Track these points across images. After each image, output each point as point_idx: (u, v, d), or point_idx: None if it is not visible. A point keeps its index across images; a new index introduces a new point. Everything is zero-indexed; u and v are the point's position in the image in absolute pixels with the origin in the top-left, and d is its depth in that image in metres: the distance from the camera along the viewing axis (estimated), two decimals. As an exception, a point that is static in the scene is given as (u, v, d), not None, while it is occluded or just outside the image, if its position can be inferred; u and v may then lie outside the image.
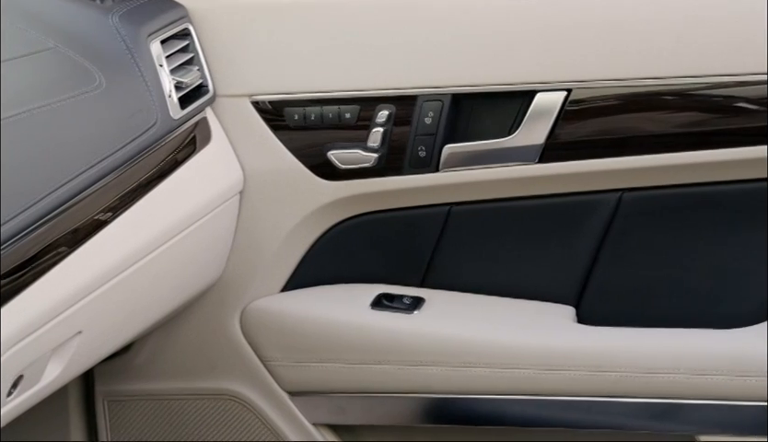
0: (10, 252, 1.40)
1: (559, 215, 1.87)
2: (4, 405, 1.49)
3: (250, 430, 2.01)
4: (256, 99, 1.90)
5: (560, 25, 1.79)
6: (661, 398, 1.80)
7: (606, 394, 1.81)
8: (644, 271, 1.87)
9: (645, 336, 1.82)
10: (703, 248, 1.85)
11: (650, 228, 1.86)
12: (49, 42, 1.65)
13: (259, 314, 1.95)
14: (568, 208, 1.86)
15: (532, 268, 1.90)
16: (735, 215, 1.83)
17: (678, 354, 1.79)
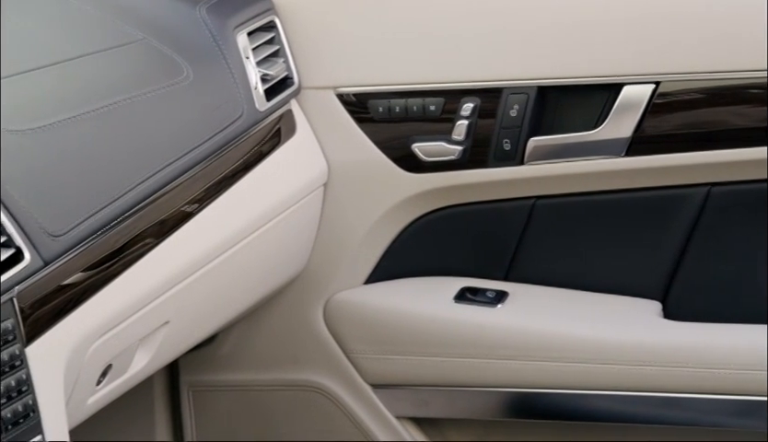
0: (99, 243, 1.42)
1: (645, 210, 1.85)
2: (93, 394, 1.50)
3: (333, 422, 2.02)
4: (341, 92, 1.90)
5: (648, 16, 1.77)
6: (751, 395, 1.77)
7: (693, 390, 1.79)
8: (732, 266, 1.84)
9: (733, 332, 1.80)
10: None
11: (738, 223, 1.83)
12: (138, 34, 1.67)
13: (342, 306, 1.95)
14: (655, 202, 1.84)
15: (618, 262, 1.89)
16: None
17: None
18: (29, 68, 1.48)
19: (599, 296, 1.89)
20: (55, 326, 1.33)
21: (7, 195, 1.26)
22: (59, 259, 1.33)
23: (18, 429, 1.22)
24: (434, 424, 1.99)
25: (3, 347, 1.21)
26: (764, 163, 1.77)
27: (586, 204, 1.87)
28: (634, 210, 1.86)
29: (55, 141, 1.40)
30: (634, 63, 1.76)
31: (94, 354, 1.43)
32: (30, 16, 1.59)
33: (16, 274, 1.25)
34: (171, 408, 2.11)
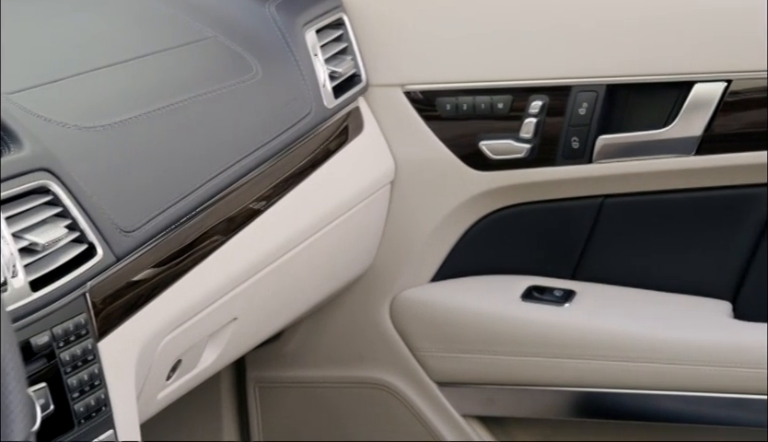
0: (169, 239, 1.42)
1: (715, 209, 1.83)
2: (163, 389, 1.51)
3: (399, 419, 2.02)
4: (408, 89, 1.90)
5: (720, 14, 1.75)
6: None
7: (764, 392, 1.77)
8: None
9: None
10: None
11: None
12: (208, 32, 1.68)
13: (408, 304, 1.95)
14: (725, 201, 1.82)
15: (687, 262, 1.87)
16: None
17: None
18: (101, 65, 1.49)
19: (667, 296, 1.88)
20: (127, 321, 1.34)
21: (80, 191, 1.27)
22: (130, 255, 1.34)
23: (91, 423, 1.22)
24: (500, 424, 1.98)
25: (76, 342, 1.22)
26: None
27: (654, 203, 1.85)
28: (703, 209, 1.84)
29: (127, 138, 1.41)
30: (706, 61, 1.75)
31: (164, 350, 1.44)
32: (103, 13, 1.60)
33: (88, 270, 1.26)
34: (238, 404, 2.12)
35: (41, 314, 1.19)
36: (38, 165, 1.23)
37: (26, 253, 1.18)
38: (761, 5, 1.73)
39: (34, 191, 1.22)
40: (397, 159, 1.92)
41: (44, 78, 1.40)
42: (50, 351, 1.19)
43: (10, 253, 1.15)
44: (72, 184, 1.26)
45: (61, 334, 1.20)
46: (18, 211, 1.19)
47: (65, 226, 1.24)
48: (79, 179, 1.28)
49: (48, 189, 1.23)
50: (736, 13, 1.75)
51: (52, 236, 1.21)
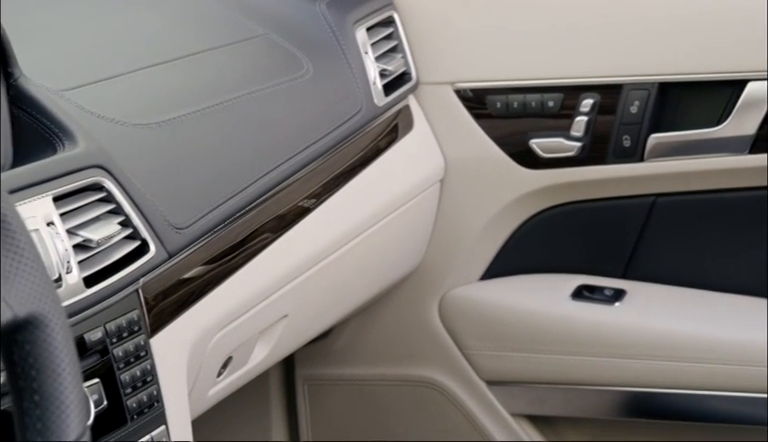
0: (221, 236, 1.43)
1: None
2: (214, 385, 1.52)
3: (447, 418, 2.01)
4: (458, 87, 1.89)
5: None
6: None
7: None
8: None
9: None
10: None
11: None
12: (260, 29, 1.68)
13: (457, 302, 1.95)
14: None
15: (739, 261, 1.85)
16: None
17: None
18: (154, 63, 1.49)
19: (719, 296, 1.86)
20: (178, 318, 1.35)
21: (133, 188, 1.27)
22: (182, 251, 1.34)
23: (143, 419, 1.23)
24: (549, 423, 1.97)
25: (128, 338, 1.23)
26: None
27: (707, 202, 1.84)
28: (756, 208, 1.82)
29: (179, 135, 1.41)
30: (760, 60, 1.73)
31: (215, 346, 1.44)
32: (156, 11, 1.61)
33: (141, 267, 1.26)
34: (287, 401, 2.13)
35: (95, 310, 1.19)
36: (92, 162, 1.23)
37: (79, 250, 1.19)
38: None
39: (88, 188, 1.22)
40: (447, 157, 1.92)
41: (98, 76, 1.41)
42: (103, 347, 1.20)
43: (65, 249, 1.15)
44: (125, 181, 1.26)
45: (114, 330, 1.21)
46: (72, 207, 1.19)
47: (118, 223, 1.24)
48: (132, 175, 1.28)
49: (101, 185, 1.24)
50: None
51: (105, 232, 1.22)
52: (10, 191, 1.08)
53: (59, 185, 1.18)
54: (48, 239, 1.14)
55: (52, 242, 1.14)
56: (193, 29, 1.63)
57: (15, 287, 0.86)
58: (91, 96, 1.35)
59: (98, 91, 1.38)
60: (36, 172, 1.17)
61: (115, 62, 1.46)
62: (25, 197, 1.13)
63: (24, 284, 0.86)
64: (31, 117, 1.23)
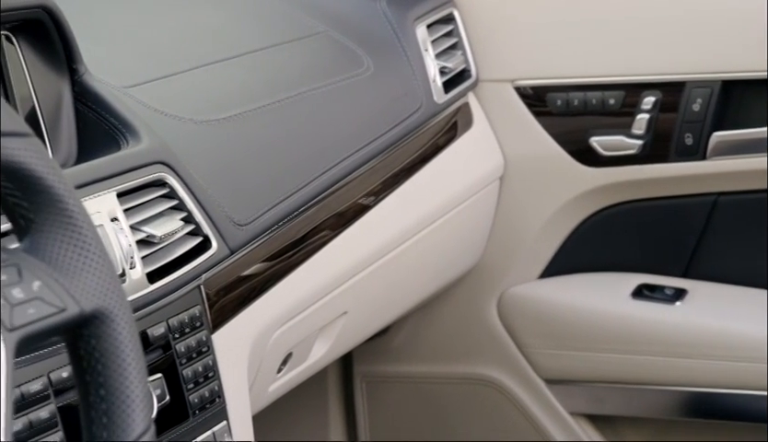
0: (281, 233, 1.43)
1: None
2: (274, 381, 1.52)
3: (506, 416, 2.01)
4: (518, 85, 1.89)
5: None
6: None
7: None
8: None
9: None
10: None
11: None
12: (320, 27, 1.68)
13: (516, 300, 1.94)
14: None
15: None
16: None
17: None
18: (216, 60, 1.50)
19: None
20: (240, 314, 1.35)
21: (196, 184, 1.28)
22: (244, 248, 1.35)
23: (205, 414, 1.23)
24: (609, 422, 1.96)
25: (191, 333, 1.23)
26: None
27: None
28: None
29: (241, 131, 1.42)
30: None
31: (276, 343, 1.45)
32: (218, 8, 1.62)
33: (203, 263, 1.26)
34: (345, 398, 2.13)
35: (158, 306, 1.20)
36: (155, 158, 1.24)
37: (143, 245, 1.19)
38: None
39: (151, 184, 1.23)
40: (506, 155, 1.91)
41: (161, 72, 1.41)
42: (166, 342, 1.20)
43: (128, 245, 1.16)
44: (187, 177, 1.27)
45: (176, 326, 1.22)
46: (136, 203, 1.20)
47: (181, 219, 1.25)
48: (195, 172, 1.29)
49: (164, 182, 1.24)
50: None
51: (168, 228, 1.22)
52: (75, 187, 1.09)
53: (123, 181, 1.19)
54: (112, 235, 1.14)
55: (115, 238, 1.15)
56: (255, 26, 1.63)
57: (81, 282, 0.86)
58: (154, 92, 1.36)
59: (160, 88, 1.39)
60: (100, 168, 1.18)
61: (178, 59, 1.47)
62: (89, 193, 1.14)
63: (90, 279, 0.87)
64: (95, 113, 1.24)
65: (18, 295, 0.82)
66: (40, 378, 1.05)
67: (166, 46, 1.49)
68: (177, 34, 1.53)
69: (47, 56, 1.21)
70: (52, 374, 1.06)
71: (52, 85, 1.22)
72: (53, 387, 1.06)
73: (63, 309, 0.85)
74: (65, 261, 0.86)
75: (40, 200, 0.85)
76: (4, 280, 0.82)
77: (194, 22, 1.57)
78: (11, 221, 0.87)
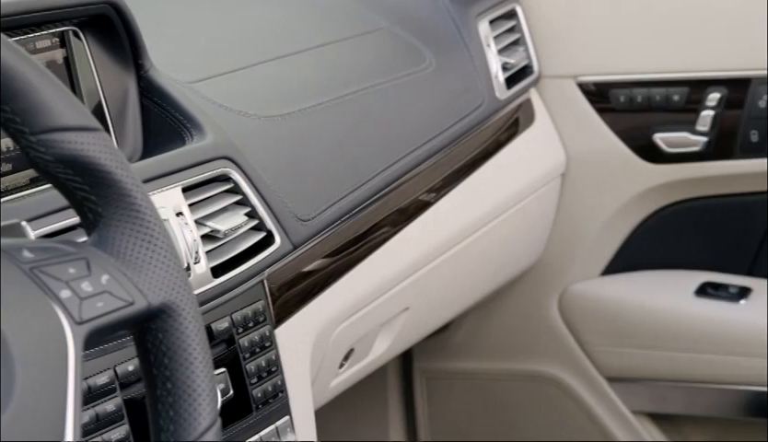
0: (343, 229, 1.43)
1: None
2: (336, 377, 1.52)
3: (567, 414, 2.00)
4: (581, 81, 1.87)
5: None
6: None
7: None
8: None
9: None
10: None
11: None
12: (382, 22, 1.68)
13: (578, 298, 1.93)
14: None
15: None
16: None
17: None
18: (279, 55, 1.50)
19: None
20: (302, 309, 1.35)
21: (260, 180, 1.28)
22: (306, 243, 1.35)
23: (268, 409, 1.24)
24: (671, 421, 1.95)
25: (254, 328, 1.23)
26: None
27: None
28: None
29: (304, 127, 1.42)
30: None
31: (338, 338, 1.45)
32: (280, 4, 1.62)
33: (266, 258, 1.26)
34: (404, 394, 2.13)
35: (221, 300, 1.20)
36: (219, 153, 1.24)
37: (207, 240, 1.20)
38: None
39: (215, 179, 1.24)
40: (568, 151, 1.90)
41: (224, 68, 1.42)
42: (229, 337, 1.20)
43: (193, 240, 1.16)
44: (252, 172, 1.27)
45: (240, 320, 1.22)
46: (201, 198, 1.21)
47: (245, 214, 1.25)
48: (258, 167, 1.29)
49: (229, 177, 1.25)
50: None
51: (232, 223, 1.22)
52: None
53: (188, 176, 1.19)
54: (177, 229, 1.15)
55: (181, 232, 1.15)
56: (317, 21, 1.64)
57: (149, 276, 0.87)
58: (218, 88, 1.36)
59: (224, 83, 1.39)
60: (166, 163, 1.18)
61: (241, 54, 1.47)
62: (155, 188, 1.15)
63: (158, 273, 0.87)
64: (161, 109, 1.25)
65: (87, 288, 0.83)
66: (106, 371, 1.05)
67: (230, 41, 1.50)
68: (241, 29, 1.54)
69: (113, 52, 1.21)
70: (118, 367, 1.06)
71: (118, 80, 1.22)
72: (119, 380, 1.06)
73: (130, 303, 0.85)
74: (133, 256, 0.87)
75: (109, 194, 0.86)
76: (73, 273, 0.83)
77: (258, 18, 1.57)
78: (80, 215, 0.88)
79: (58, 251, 0.83)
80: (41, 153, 0.83)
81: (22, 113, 0.82)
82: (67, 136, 0.83)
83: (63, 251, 0.84)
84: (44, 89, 0.82)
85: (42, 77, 0.82)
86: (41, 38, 1.15)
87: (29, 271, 0.80)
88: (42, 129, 0.82)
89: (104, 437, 1.04)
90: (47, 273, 0.81)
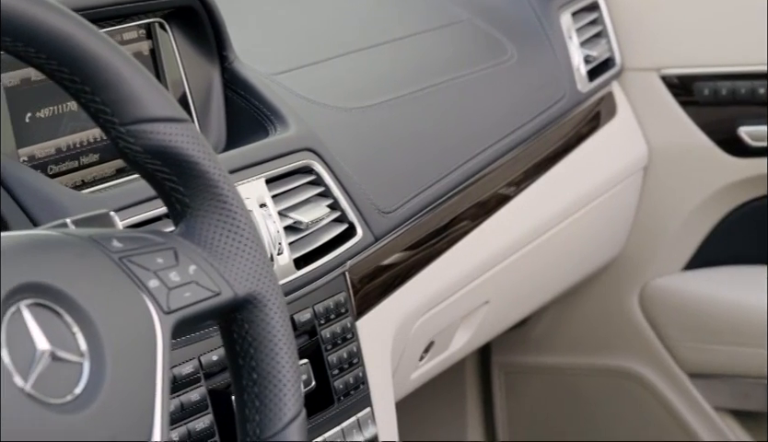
0: (424, 221, 1.43)
1: None
2: (416, 369, 1.52)
3: (647, 410, 1.98)
4: (664, 73, 1.86)
5: None
6: None
7: None
8: None
9: None
10: None
11: None
12: (464, 14, 1.68)
13: (659, 293, 1.91)
14: None
15: None
16: None
17: None
18: (361, 47, 1.50)
19: None
20: (383, 301, 1.35)
21: (342, 172, 1.28)
22: (388, 235, 1.35)
23: (349, 400, 1.24)
24: (755, 419, 1.92)
25: (336, 320, 1.24)
26: None
27: None
28: None
29: (386, 119, 1.42)
30: None
31: (418, 331, 1.45)
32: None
33: (348, 249, 1.27)
34: (482, 388, 2.12)
35: (304, 292, 1.20)
36: (303, 145, 1.25)
37: (290, 232, 1.20)
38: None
39: (298, 171, 1.24)
40: (651, 144, 1.88)
41: (306, 60, 1.42)
42: (311, 328, 1.21)
43: (276, 231, 1.17)
44: (334, 164, 1.27)
45: (322, 312, 1.22)
46: (284, 190, 1.21)
47: (327, 206, 1.25)
48: (341, 159, 1.29)
49: (311, 169, 1.25)
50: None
51: (314, 215, 1.23)
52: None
53: (271, 168, 1.20)
54: (261, 221, 1.15)
55: (264, 224, 1.15)
56: (399, 13, 1.63)
57: (235, 267, 0.87)
58: (301, 79, 1.37)
59: (307, 75, 1.40)
60: (249, 154, 1.19)
61: (323, 46, 1.48)
62: (239, 179, 1.15)
63: (244, 264, 0.88)
64: (244, 100, 1.25)
65: (175, 278, 0.83)
66: (191, 360, 1.06)
67: (312, 33, 1.50)
68: (323, 21, 1.54)
69: (198, 43, 1.22)
70: (202, 357, 1.07)
71: (202, 72, 1.23)
72: (204, 370, 1.07)
73: (217, 294, 0.86)
74: (220, 246, 0.87)
75: (197, 185, 0.86)
76: (161, 263, 0.83)
77: (340, 9, 1.58)
78: (167, 205, 0.88)
79: (146, 241, 0.84)
80: (131, 144, 0.84)
81: (112, 104, 0.82)
82: (156, 127, 0.84)
83: (151, 241, 0.84)
84: (134, 80, 0.83)
85: (133, 68, 0.83)
86: (128, 30, 1.16)
87: (118, 260, 0.81)
88: (132, 120, 0.83)
89: (189, 427, 1.05)
90: (136, 263, 0.82)
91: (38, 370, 0.73)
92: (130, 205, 1.05)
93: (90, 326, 0.76)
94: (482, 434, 2.12)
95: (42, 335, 0.74)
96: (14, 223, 0.99)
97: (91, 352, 0.76)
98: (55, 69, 0.81)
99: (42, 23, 0.79)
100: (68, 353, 0.75)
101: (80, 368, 0.75)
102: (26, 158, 1.08)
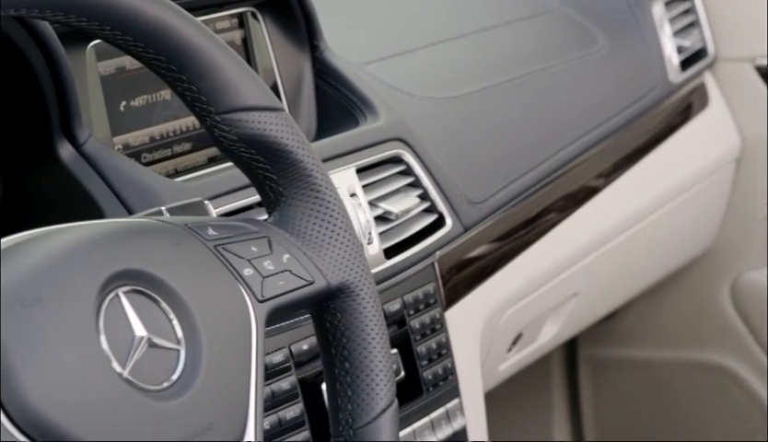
0: (513, 212, 1.42)
1: None
2: (504, 361, 1.52)
3: (738, 406, 1.95)
4: (759, 64, 1.83)
5: None
6: None
7: None
8: None
9: None
10: None
11: None
12: (554, 3, 1.66)
13: (752, 286, 1.88)
14: None
15: None
16: None
17: None
18: (449, 37, 1.50)
19: None
20: (472, 292, 1.35)
21: (432, 162, 1.28)
22: (477, 226, 1.34)
23: (438, 391, 1.23)
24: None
25: (425, 310, 1.23)
26: None
27: None
28: None
29: (475, 109, 1.42)
30: None
31: (507, 322, 1.44)
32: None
33: (438, 240, 1.26)
34: (569, 381, 2.11)
35: (393, 282, 1.20)
36: (393, 135, 1.24)
37: (379, 221, 1.20)
38: None
39: (388, 161, 1.24)
40: (744, 136, 1.85)
41: (396, 49, 1.42)
42: (401, 318, 1.21)
43: (366, 221, 1.16)
44: (424, 154, 1.27)
45: (411, 302, 1.22)
46: (374, 180, 1.21)
47: (417, 196, 1.25)
48: (430, 149, 1.29)
49: (401, 158, 1.25)
50: None
51: (404, 205, 1.22)
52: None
53: (361, 157, 1.20)
54: (351, 210, 1.15)
55: (354, 213, 1.15)
56: (488, 3, 1.63)
57: (328, 256, 0.87)
58: (390, 69, 1.37)
59: (396, 65, 1.39)
60: (340, 144, 1.19)
61: (413, 36, 1.47)
62: (330, 168, 1.15)
63: (337, 254, 0.88)
64: (335, 90, 1.25)
65: (269, 267, 0.84)
66: (281, 349, 1.07)
67: (401, 23, 1.50)
68: (411, 11, 1.54)
69: (290, 33, 1.23)
70: (293, 346, 1.07)
71: (293, 61, 1.23)
72: (294, 359, 1.07)
73: (310, 282, 0.86)
74: (313, 235, 0.87)
75: (290, 174, 0.87)
76: (255, 252, 0.84)
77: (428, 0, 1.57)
78: (261, 194, 0.89)
79: (241, 230, 0.84)
80: (226, 132, 0.84)
81: (208, 93, 0.83)
82: (251, 116, 0.84)
83: (245, 230, 0.85)
84: (230, 69, 0.83)
85: (228, 58, 0.83)
86: (221, 19, 1.17)
87: (213, 248, 0.81)
88: (228, 109, 0.83)
89: (279, 415, 1.05)
90: (230, 251, 0.82)
91: (135, 356, 0.74)
92: (223, 194, 1.05)
93: (187, 313, 0.77)
94: (568, 427, 2.10)
95: (140, 322, 0.75)
96: (109, 210, 1.00)
97: (187, 339, 0.77)
98: (153, 58, 0.82)
99: (141, 12, 0.79)
100: (165, 340, 0.76)
101: (177, 355, 0.76)
102: (120, 146, 1.09)
